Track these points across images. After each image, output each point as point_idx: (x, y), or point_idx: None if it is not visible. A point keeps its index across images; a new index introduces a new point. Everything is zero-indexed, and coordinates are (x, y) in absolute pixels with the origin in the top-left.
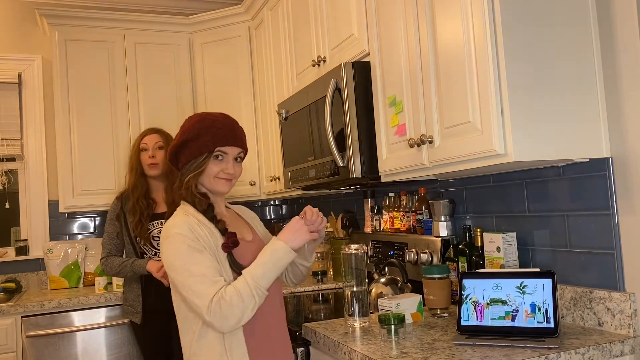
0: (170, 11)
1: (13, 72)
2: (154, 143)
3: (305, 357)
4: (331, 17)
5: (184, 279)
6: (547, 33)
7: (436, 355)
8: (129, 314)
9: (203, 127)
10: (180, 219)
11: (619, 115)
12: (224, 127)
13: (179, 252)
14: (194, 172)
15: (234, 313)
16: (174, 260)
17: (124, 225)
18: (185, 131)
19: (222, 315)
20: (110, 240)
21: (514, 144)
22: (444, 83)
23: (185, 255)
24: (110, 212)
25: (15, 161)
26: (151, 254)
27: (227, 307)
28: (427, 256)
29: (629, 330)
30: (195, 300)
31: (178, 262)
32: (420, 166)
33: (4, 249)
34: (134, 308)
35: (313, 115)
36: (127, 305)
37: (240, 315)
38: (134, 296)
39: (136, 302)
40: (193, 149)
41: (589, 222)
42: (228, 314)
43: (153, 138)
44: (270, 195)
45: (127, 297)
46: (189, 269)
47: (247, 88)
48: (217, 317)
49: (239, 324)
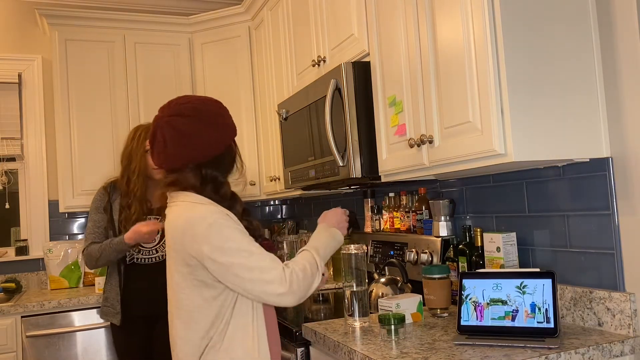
0: (170, 11)
1: (13, 72)
2: None
3: (305, 357)
4: (331, 17)
5: (244, 259)
6: (547, 33)
7: (436, 355)
8: (108, 315)
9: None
10: (207, 208)
11: (619, 115)
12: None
13: (230, 234)
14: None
15: (306, 283)
16: (225, 244)
17: (110, 219)
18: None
19: (297, 284)
20: (97, 229)
21: (514, 144)
22: (444, 83)
23: (238, 237)
24: (97, 201)
25: (15, 161)
26: (135, 251)
27: (301, 275)
28: (427, 256)
29: (629, 330)
30: (265, 276)
31: (232, 244)
32: (420, 166)
33: (4, 249)
34: (114, 308)
35: (313, 115)
36: (107, 305)
37: (309, 287)
38: (114, 295)
39: (115, 302)
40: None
41: (589, 222)
42: (302, 284)
43: None
44: (270, 195)
45: (107, 297)
46: (247, 249)
47: (247, 88)
48: (294, 286)
49: (307, 295)
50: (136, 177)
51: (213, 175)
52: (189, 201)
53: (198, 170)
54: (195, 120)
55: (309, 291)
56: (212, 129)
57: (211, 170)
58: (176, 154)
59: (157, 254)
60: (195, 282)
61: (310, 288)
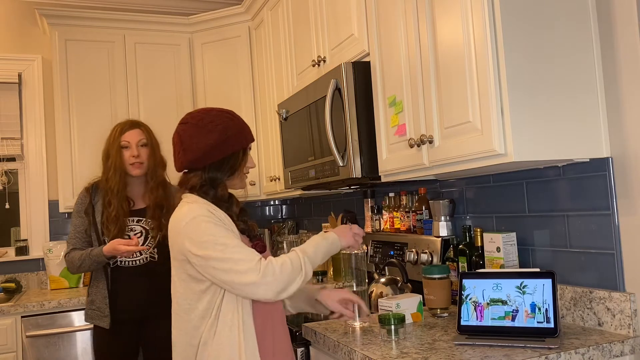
0: (170, 11)
1: (13, 72)
2: (137, 140)
3: (305, 357)
4: (331, 17)
5: (221, 252)
6: (547, 33)
7: (436, 355)
8: (95, 319)
9: (237, 123)
10: (193, 206)
11: (619, 115)
12: (245, 122)
13: (207, 229)
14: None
15: (283, 276)
16: (202, 238)
17: (92, 222)
18: (227, 127)
19: (272, 276)
20: (77, 234)
21: (514, 144)
22: (444, 83)
23: (215, 232)
24: (78, 204)
25: (15, 161)
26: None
27: (278, 268)
28: (427, 256)
29: (629, 330)
30: (239, 267)
31: (208, 238)
32: (420, 166)
33: (4, 249)
34: (101, 311)
35: (313, 115)
36: (93, 308)
37: (288, 282)
38: (101, 298)
39: (103, 305)
40: (234, 145)
41: (589, 222)
42: (278, 276)
43: (135, 134)
44: (270, 195)
45: (93, 300)
46: (224, 243)
47: (247, 88)
48: (268, 278)
49: (284, 292)
50: (112, 172)
51: (212, 178)
52: (185, 201)
53: (201, 173)
54: (194, 127)
55: (289, 286)
56: (209, 136)
57: (212, 173)
58: (178, 158)
59: (141, 256)
60: (184, 276)
61: (290, 283)
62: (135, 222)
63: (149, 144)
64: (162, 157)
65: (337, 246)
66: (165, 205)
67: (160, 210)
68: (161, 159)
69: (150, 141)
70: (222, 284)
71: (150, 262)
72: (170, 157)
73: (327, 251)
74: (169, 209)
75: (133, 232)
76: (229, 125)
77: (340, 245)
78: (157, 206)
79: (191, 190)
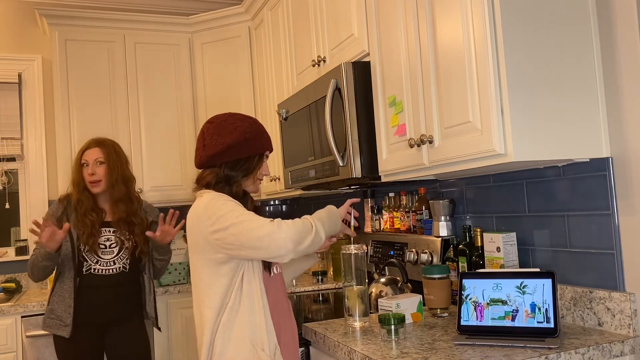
0: (170, 11)
1: (13, 72)
2: (94, 159)
3: (305, 357)
4: (331, 17)
5: (237, 218)
6: (547, 33)
7: (436, 355)
8: (53, 328)
9: (258, 129)
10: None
11: (619, 115)
12: (267, 132)
13: (224, 205)
14: (253, 173)
15: (297, 226)
16: (219, 212)
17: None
18: (246, 131)
19: (287, 225)
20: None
21: (514, 144)
22: (444, 83)
23: (232, 206)
24: (52, 210)
25: (15, 161)
26: (92, 262)
27: (290, 222)
28: (427, 256)
29: (629, 330)
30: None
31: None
32: (420, 166)
33: (4, 249)
34: (62, 320)
35: (313, 115)
36: (53, 318)
37: (302, 233)
38: (65, 307)
39: (66, 314)
40: (251, 149)
41: (589, 222)
42: (291, 226)
43: (94, 153)
44: (270, 196)
45: (53, 309)
46: (240, 212)
47: (247, 88)
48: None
49: (300, 244)
50: (74, 189)
51: (227, 176)
52: (202, 194)
53: (217, 170)
54: (217, 127)
55: (303, 239)
56: (229, 136)
57: (227, 171)
58: (198, 153)
59: (116, 265)
60: (205, 260)
61: (304, 235)
62: (112, 233)
63: (107, 162)
64: (127, 174)
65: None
66: (134, 220)
67: (127, 224)
68: (123, 175)
69: (109, 159)
70: (243, 250)
71: (122, 272)
72: (169, 156)
73: (329, 217)
74: (139, 223)
75: (109, 241)
76: (249, 130)
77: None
78: (120, 220)
79: (207, 187)
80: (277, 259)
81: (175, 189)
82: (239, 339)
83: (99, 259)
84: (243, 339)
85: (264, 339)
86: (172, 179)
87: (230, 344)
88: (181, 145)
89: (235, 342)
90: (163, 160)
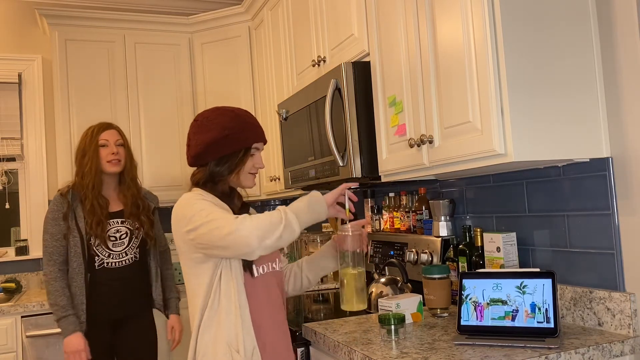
0: (170, 11)
1: (13, 72)
2: (115, 140)
3: (305, 357)
4: (331, 17)
5: (205, 217)
6: (547, 33)
7: (436, 355)
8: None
9: (241, 122)
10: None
11: (619, 115)
12: (255, 123)
13: (194, 203)
14: (237, 168)
15: (260, 221)
16: (190, 211)
17: (75, 225)
18: (225, 126)
19: (250, 221)
20: (55, 242)
21: (514, 144)
22: (444, 83)
23: (202, 205)
24: (54, 211)
25: (15, 161)
26: (104, 255)
27: (254, 217)
28: (427, 256)
29: (629, 330)
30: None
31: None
32: (420, 166)
33: (4, 249)
34: (77, 317)
35: (313, 115)
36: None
37: (267, 226)
38: (76, 304)
39: (79, 311)
40: (233, 144)
41: (589, 222)
42: (255, 220)
43: (113, 134)
44: (270, 195)
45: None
46: (209, 210)
47: (247, 88)
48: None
49: (266, 238)
50: (88, 169)
51: (213, 173)
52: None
53: (205, 169)
54: (198, 125)
55: (270, 233)
56: (207, 134)
57: (213, 169)
58: (186, 153)
59: (128, 256)
60: (188, 262)
61: (271, 229)
62: (120, 223)
63: (125, 145)
64: (134, 159)
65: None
66: (141, 204)
67: (137, 208)
68: (132, 159)
69: (126, 142)
70: (214, 249)
71: (134, 262)
72: (169, 156)
73: (308, 202)
74: (144, 207)
75: (119, 232)
76: (229, 125)
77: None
78: (133, 204)
79: (196, 185)
80: (245, 257)
81: (176, 189)
82: (217, 339)
83: (111, 252)
84: (220, 340)
85: (240, 340)
86: (172, 179)
87: (210, 343)
88: (181, 145)
89: (214, 343)
90: (163, 160)
